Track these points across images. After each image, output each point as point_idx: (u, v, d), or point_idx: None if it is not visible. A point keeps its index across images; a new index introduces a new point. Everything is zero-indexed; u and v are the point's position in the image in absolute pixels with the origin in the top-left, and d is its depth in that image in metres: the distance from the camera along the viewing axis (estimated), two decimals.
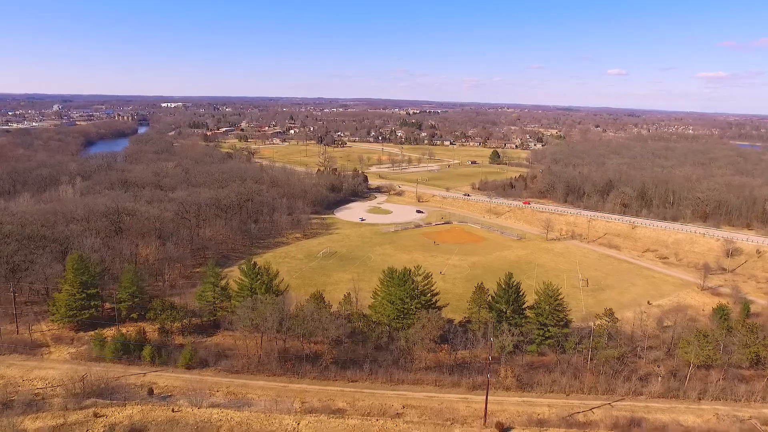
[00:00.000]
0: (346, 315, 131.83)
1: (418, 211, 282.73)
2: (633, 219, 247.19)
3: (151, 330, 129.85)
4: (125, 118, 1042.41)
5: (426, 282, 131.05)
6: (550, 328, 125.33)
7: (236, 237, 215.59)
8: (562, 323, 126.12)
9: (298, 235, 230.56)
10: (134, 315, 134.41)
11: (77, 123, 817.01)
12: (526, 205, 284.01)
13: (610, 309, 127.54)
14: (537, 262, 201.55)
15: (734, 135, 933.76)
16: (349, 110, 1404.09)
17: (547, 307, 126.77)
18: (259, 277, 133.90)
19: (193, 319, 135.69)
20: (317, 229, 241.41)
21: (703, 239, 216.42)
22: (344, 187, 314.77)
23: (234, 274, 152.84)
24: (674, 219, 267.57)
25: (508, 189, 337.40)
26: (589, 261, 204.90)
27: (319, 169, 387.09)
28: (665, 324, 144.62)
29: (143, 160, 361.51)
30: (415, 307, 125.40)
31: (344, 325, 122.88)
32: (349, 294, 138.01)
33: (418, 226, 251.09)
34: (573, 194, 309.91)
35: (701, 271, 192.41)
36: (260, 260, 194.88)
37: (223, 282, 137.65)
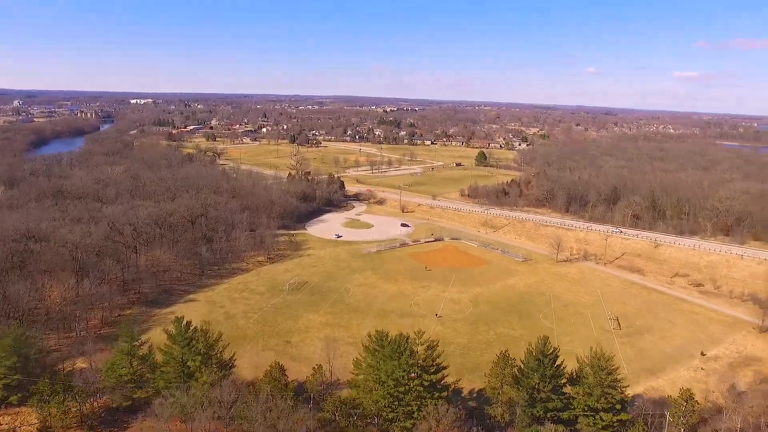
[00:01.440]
0: (317, 396, 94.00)
1: (403, 225, 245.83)
2: (652, 235, 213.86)
3: (37, 421, 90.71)
4: (89, 115, 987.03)
5: (429, 352, 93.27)
6: (602, 414, 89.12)
7: (183, 263, 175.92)
8: (617, 406, 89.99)
9: (261, 258, 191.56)
10: (14, 398, 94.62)
11: (35, 120, 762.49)
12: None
13: (687, 391, 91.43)
14: (551, 292, 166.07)
15: (716, 134, 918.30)
16: (325, 108, 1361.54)
17: (596, 384, 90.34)
18: (193, 343, 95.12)
19: (105, 398, 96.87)
20: (285, 250, 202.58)
21: (742, 262, 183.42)
22: (318, 196, 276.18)
23: (179, 312, 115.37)
24: (692, 233, 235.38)
25: (501, 196, 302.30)
26: (613, 291, 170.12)
27: (290, 173, 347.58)
28: (738, 389, 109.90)
29: (90, 163, 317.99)
30: (416, 389, 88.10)
31: (313, 417, 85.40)
32: (320, 366, 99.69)
33: (404, 244, 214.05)
34: (576, 203, 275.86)
35: (748, 304, 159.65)
36: (211, 296, 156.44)
37: (144, 349, 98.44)
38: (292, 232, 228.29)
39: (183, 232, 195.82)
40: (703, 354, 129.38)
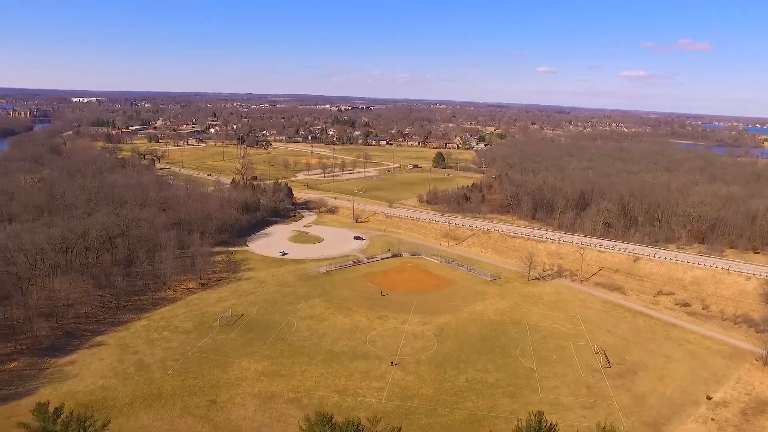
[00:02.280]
0: None
1: (357, 238, 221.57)
2: (630, 246, 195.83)
3: None
4: (23, 114, 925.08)
5: None
6: None
7: (96, 295, 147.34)
8: None
9: (191, 284, 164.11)
10: None
11: None
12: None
13: None
14: (527, 320, 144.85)
15: (667, 133, 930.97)
16: (278, 106, 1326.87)
17: None
18: None
19: None
20: (220, 273, 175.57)
21: (729, 277, 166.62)
22: (262, 205, 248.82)
23: (79, 362, 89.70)
24: (667, 241, 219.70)
25: (462, 202, 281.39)
26: (595, 315, 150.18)
27: (233, 179, 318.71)
28: None
29: (2, 170, 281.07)
30: None
31: None
32: None
33: (357, 262, 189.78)
34: (542, 209, 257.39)
35: (743, 327, 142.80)
36: (125, 337, 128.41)
37: None
38: (231, 249, 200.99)
39: (99, 255, 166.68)
40: (709, 398, 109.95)
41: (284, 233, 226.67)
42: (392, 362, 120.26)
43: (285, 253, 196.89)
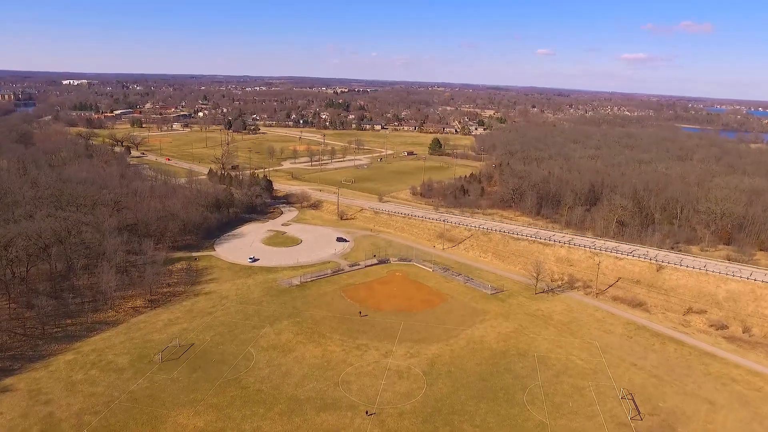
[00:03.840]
0: None
1: (340, 239, 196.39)
2: (651, 252, 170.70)
3: None
4: (6, 97, 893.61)
5: None
6: None
7: (16, 321, 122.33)
8: None
9: (139, 302, 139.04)
10: None
11: None
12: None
13: None
14: (535, 350, 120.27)
15: (670, 117, 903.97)
16: (273, 89, 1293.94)
17: None
18: None
19: None
20: (177, 285, 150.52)
21: None
22: (236, 201, 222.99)
23: None
24: (689, 242, 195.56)
25: (460, 195, 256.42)
26: (616, 341, 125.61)
27: (211, 169, 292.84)
28: None
29: None
30: None
31: None
32: None
33: (337, 271, 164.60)
34: (548, 205, 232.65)
35: None
36: (40, 379, 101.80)
37: None
38: (195, 254, 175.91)
39: (31, 267, 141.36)
40: None
41: (258, 234, 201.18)
42: (368, 412, 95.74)
43: (255, 260, 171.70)
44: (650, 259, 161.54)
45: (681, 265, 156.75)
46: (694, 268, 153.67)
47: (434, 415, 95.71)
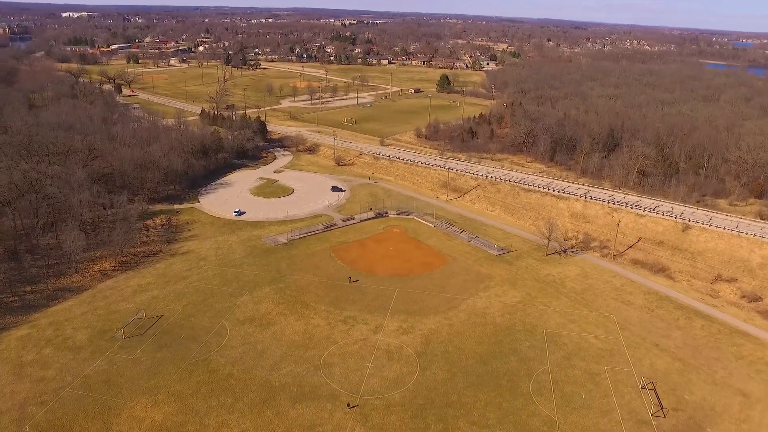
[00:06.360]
0: None
1: (335, 189, 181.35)
2: (677, 207, 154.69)
3: None
4: (2, 31, 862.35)
5: None
6: None
7: None
8: None
9: (108, 264, 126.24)
10: None
11: None
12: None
13: None
14: (544, 324, 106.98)
15: (693, 52, 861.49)
16: (279, 21, 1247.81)
17: None
18: None
19: None
20: (152, 244, 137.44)
21: None
22: (226, 145, 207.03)
23: None
24: (717, 195, 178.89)
25: (468, 138, 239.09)
26: (635, 315, 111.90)
27: (203, 109, 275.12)
28: None
29: None
30: None
31: None
32: None
33: (330, 226, 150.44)
34: (562, 150, 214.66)
35: None
36: None
37: None
38: (176, 206, 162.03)
39: None
40: None
41: (248, 182, 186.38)
42: (349, 405, 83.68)
43: (241, 213, 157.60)
44: (675, 217, 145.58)
45: (710, 224, 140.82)
46: (725, 229, 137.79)
47: (426, 408, 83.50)
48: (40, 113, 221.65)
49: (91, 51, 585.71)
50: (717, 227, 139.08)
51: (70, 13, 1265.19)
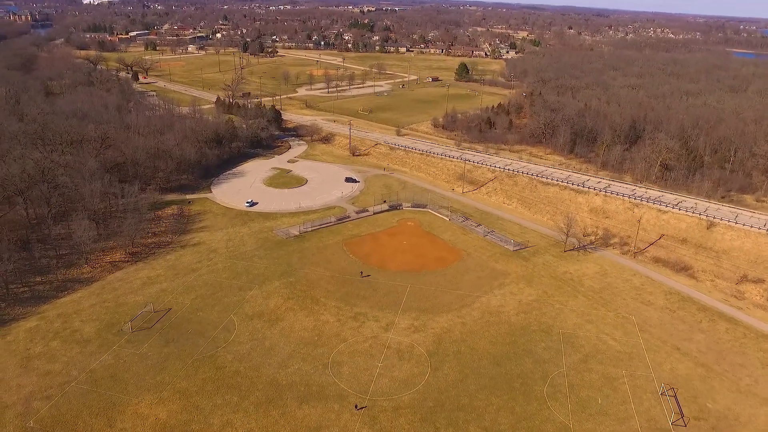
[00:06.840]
0: None
1: (349, 180, 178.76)
2: (701, 203, 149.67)
3: None
4: (24, 18, 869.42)
5: None
6: None
7: None
8: None
9: (119, 255, 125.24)
10: None
11: None
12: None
13: None
14: (561, 324, 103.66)
15: (720, 40, 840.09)
16: (298, 8, 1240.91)
17: None
18: None
19: None
20: (163, 235, 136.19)
21: None
22: (240, 134, 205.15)
23: None
24: (742, 191, 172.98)
25: (485, 129, 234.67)
26: (656, 316, 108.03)
27: (219, 97, 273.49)
28: None
29: None
30: None
31: None
32: None
33: (343, 219, 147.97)
34: (583, 142, 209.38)
35: None
36: None
37: None
38: (188, 196, 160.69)
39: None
40: None
41: (261, 172, 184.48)
42: (357, 406, 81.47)
43: (254, 204, 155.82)
44: (699, 214, 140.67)
45: (736, 222, 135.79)
46: (751, 227, 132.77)
47: (436, 411, 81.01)
48: (57, 101, 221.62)
49: (109, 38, 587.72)
50: (743, 225, 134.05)
51: (91, 0, 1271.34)
